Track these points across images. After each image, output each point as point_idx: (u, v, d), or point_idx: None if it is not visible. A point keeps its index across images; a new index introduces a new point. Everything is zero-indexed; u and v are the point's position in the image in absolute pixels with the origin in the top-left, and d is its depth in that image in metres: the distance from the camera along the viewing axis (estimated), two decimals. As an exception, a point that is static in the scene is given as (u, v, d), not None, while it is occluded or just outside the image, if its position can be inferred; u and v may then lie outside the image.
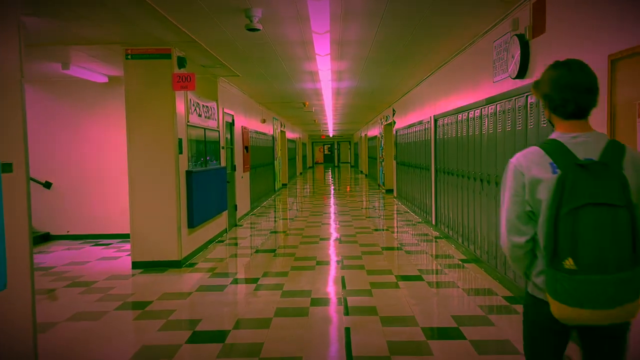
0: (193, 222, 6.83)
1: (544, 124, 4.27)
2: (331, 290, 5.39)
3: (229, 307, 4.81)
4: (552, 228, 1.72)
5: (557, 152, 1.79)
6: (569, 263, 1.68)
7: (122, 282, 5.87)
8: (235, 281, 5.79)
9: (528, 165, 1.83)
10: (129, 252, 6.66)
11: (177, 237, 6.47)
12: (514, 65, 4.81)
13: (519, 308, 4.59)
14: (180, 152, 6.56)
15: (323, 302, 4.92)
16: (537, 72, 4.49)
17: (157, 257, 6.47)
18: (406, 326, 4.20)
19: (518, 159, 1.88)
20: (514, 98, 4.97)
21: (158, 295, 5.25)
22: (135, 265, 6.46)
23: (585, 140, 1.81)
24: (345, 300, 4.93)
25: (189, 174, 6.78)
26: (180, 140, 6.55)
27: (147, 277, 6.05)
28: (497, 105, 5.44)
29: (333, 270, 6.28)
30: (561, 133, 1.86)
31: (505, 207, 1.89)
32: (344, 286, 5.46)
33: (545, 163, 1.80)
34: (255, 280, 5.83)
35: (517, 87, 4.87)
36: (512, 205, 1.87)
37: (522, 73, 4.71)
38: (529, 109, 4.60)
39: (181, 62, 6.55)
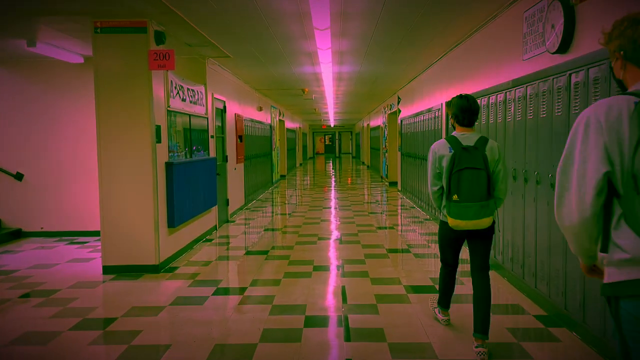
0: (174, 221, 6.01)
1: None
2: (330, 304, 4.59)
3: (206, 328, 4.00)
4: (448, 180, 3.28)
5: (453, 141, 3.33)
6: (455, 197, 3.24)
7: (87, 291, 5.06)
8: (219, 291, 4.98)
9: (438, 148, 3.41)
10: (101, 255, 5.85)
11: (155, 239, 5.66)
12: (554, 38, 3.96)
13: (558, 332, 3.77)
14: (159, 141, 5.73)
15: (319, 321, 4.11)
16: (584, 43, 3.65)
17: (131, 261, 5.66)
18: (422, 358, 3.39)
19: (434, 145, 3.46)
20: (551, 78, 4.12)
21: (125, 309, 4.45)
22: (107, 270, 5.65)
23: (468, 136, 3.35)
24: (347, 319, 4.12)
25: (169, 166, 5.95)
26: (158, 128, 5.72)
27: (118, 285, 5.25)
28: (528, 88, 4.59)
29: (332, 277, 5.47)
30: (457, 132, 3.41)
31: (429, 171, 3.47)
32: (344, 299, 4.66)
33: (446, 147, 3.35)
34: (242, 290, 5.03)
35: (557, 64, 4.02)
36: (431, 171, 3.45)
37: (564, 46, 3.86)
38: (572, 90, 3.76)
39: (159, 38, 5.69)
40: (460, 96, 3.43)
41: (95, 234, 7.77)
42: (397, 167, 14.33)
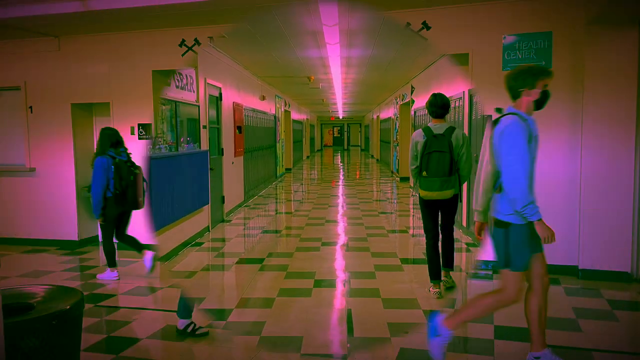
0: (152, 226, 5.15)
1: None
2: (332, 337, 3.68)
3: (172, 372, 3.12)
4: (421, 160, 4.21)
5: (426, 130, 4.23)
6: (424, 173, 4.17)
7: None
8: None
9: (416, 135, 4.32)
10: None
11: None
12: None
13: None
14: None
15: (318, 364, 3.22)
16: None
17: (99, 273, 4.80)
18: None
19: (413, 134, 4.38)
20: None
21: (77, 341, 3.57)
22: (70, 283, 4.80)
23: (439, 126, 4.23)
24: (353, 363, 3.22)
25: (145, 161, 5.07)
26: (131, 116, 4.83)
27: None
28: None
29: (335, 297, 4.57)
30: (431, 123, 4.30)
31: (410, 154, 4.35)
32: (350, 330, 3.75)
33: (421, 135, 4.24)
34: (226, 313, 4.13)
35: None
36: (411, 153, 4.33)
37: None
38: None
39: (133, 8, 4.79)
40: (432, 94, 4.33)
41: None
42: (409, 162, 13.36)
